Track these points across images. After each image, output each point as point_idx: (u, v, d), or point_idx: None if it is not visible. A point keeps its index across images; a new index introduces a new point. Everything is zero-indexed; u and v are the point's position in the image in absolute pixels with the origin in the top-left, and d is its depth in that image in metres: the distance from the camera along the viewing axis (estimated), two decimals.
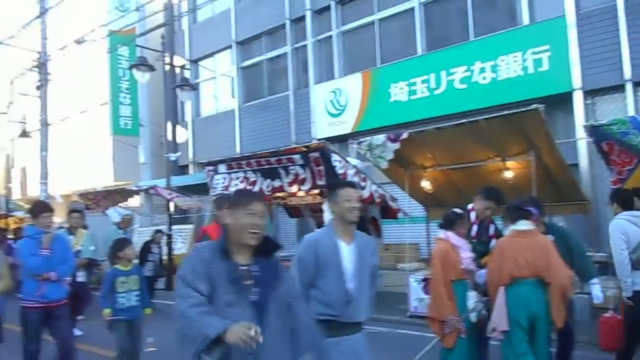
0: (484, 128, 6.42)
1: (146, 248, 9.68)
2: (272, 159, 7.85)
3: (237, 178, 8.46)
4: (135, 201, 15.25)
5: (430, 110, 10.74)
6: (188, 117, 16.66)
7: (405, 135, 6.95)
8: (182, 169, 15.87)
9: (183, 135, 16.17)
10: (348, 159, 8.03)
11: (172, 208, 12.46)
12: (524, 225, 3.89)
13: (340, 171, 7.32)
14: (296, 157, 7.58)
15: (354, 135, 11.34)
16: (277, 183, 8.11)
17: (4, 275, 4.57)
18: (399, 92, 11.48)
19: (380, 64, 12.16)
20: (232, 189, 8.17)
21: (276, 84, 14.68)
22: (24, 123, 16.61)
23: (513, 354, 3.77)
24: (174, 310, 2.17)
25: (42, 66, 13.21)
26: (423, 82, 11.07)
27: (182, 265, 2.27)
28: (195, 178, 13.50)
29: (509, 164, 7.21)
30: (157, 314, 5.20)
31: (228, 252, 2.25)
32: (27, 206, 16.12)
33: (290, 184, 7.89)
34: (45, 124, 13.38)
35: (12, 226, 15.10)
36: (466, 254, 3.98)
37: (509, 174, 7.28)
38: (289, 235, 12.61)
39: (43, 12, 13.27)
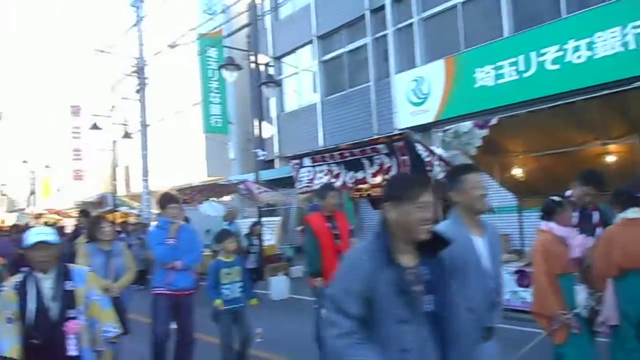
0: (582, 110, 6.04)
1: (247, 240, 9.93)
2: (356, 150, 7.93)
3: (322, 171, 8.64)
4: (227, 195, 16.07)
5: (520, 94, 10.24)
6: (273, 113, 17.19)
7: (494, 121, 6.70)
8: (269, 163, 16.43)
9: (269, 130, 16.74)
10: (432, 148, 7.91)
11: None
12: (635, 212, 3.59)
13: (426, 160, 7.24)
14: (380, 146, 7.60)
15: (438, 123, 11.11)
16: (360, 175, 8.16)
17: (129, 268, 4.92)
18: (485, 76, 11.07)
19: (464, 48, 11.79)
20: (317, 182, 8.36)
21: (357, 76, 14.72)
22: (126, 125, 17.99)
23: (621, 350, 3.56)
24: (325, 335, 1.96)
25: (140, 71, 14.24)
26: (511, 64, 10.59)
27: (335, 281, 2.00)
28: (281, 172, 13.95)
29: (610, 147, 6.73)
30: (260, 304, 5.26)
31: (392, 253, 1.93)
32: (134, 202, 17.49)
33: (374, 174, 7.92)
34: (144, 125, 14.43)
35: (118, 220, 16.50)
36: (575, 241, 3.70)
37: (610, 159, 6.80)
38: (373, 228, 12.66)
39: (139, 21, 14.27)
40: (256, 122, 13.59)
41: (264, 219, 13.17)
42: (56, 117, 29.81)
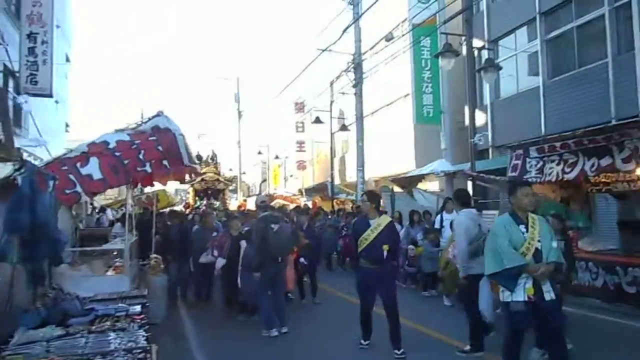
0: None
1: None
2: (599, 137, 6.83)
3: (553, 160, 7.79)
4: (434, 186, 15.88)
5: None
6: (487, 100, 16.31)
7: None
8: (482, 154, 15.67)
9: (482, 118, 15.96)
10: None
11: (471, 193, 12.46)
12: None
13: None
14: (632, 130, 6.46)
15: None
16: (605, 161, 6.86)
17: None
18: None
19: None
20: (548, 172, 7.61)
21: (589, 53, 12.96)
22: (343, 118, 19.19)
23: None
24: None
25: (357, 67, 15.00)
26: None
27: None
28: (496, 162, 13.14)
29: None
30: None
31: None
32: (350, 190, 18.65)
33: (626, 160, 6.62)
34: (360, 118, 15.18)
35: (336, 207, 17.81)
36: None
37: None
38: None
39: (357, 19, 15.02)
40: (469, 111, 13.03)
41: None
42: (284, 113, 33.51)
